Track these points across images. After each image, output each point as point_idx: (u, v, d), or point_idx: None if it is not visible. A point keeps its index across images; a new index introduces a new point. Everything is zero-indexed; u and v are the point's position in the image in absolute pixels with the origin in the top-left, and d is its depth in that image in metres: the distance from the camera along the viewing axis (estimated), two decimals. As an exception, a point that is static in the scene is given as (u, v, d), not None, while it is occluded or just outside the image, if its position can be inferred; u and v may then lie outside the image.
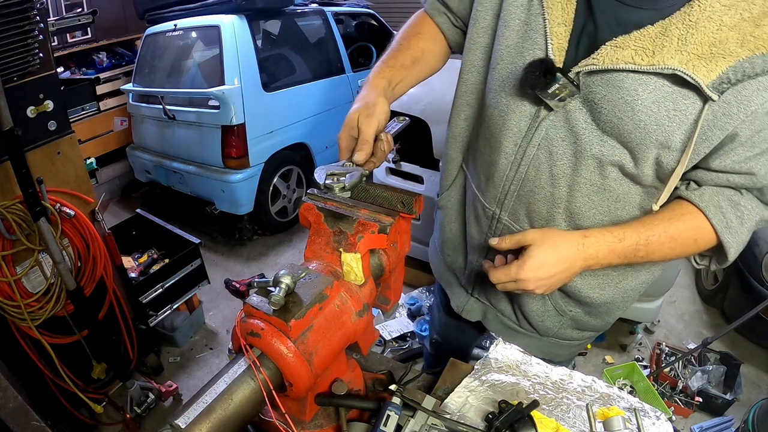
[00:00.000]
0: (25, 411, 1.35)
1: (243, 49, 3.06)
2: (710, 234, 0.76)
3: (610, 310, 0.99)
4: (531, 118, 0.80)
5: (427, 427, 0.76)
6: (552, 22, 0.73)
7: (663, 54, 0.65)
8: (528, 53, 0.76)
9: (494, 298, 1.07)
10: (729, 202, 0.75)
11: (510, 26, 0.78)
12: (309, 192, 0.82)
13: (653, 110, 0.68)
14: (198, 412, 0.57)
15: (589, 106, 0.73)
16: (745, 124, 0.67)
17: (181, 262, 2.43)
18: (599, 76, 0.70)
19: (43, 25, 1.59)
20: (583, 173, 0.78)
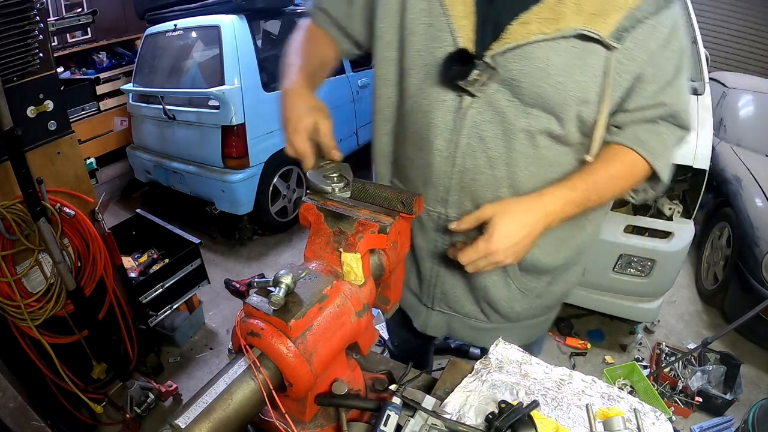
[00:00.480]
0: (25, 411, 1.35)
1: (243, 49, 3.06)
2: (642, 165, 0.84)
3: (568, 270, 1.03)
4: (455, 110, 0.83)
5: (427, 427, 0.76)
6: (455, 18, 0.78)
7: (565, 19, 0.72)
8: (438, 52, 0.81)
9: (457, 303, 1.05)
10: (649, 133, 0.83)
11: (416, 32, 0.83)
12: (309, 192, 0.82)
13: (567, 71, 0.75)
14: (198, 412, 0.57)
15: (508, 84, 0.78)
16: (648, 63, 0.75)
17: (181, 262, 2.43)
18: (512, 53, 0.75)
19: (43, 25, 1.59)
20: (516, 148, 0.83)
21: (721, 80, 3.86)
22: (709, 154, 2.19)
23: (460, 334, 1.12)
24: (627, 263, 2.27)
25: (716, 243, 3.00)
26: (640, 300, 2.37)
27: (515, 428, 0.73)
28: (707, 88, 2.52)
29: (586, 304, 2.49)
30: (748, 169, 2.95)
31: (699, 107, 2.36)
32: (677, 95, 0.80)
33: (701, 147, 2.16)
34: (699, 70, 2.62)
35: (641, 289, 2.31)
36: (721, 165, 3.13)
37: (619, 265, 2.27)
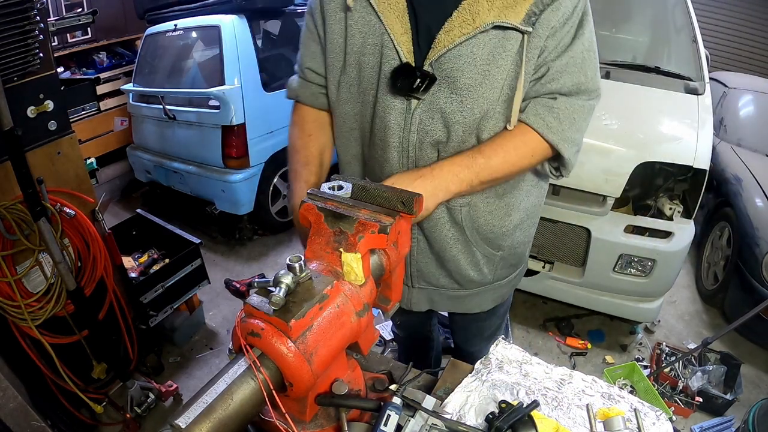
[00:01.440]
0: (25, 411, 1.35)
1: (243, 49, 3.06)
2: (538, 139, 0.93)
3: (521, 229, 1.13)
4: (405, 112, 0.95)
5: (428, 427, 0.76)
6: (395, 34, 0.90)
7: (480, 17, 0.84)
8: (386, 66, 0.93)
9: (432, 278, 1.16)
10: (544, 108, 0.92)
11: (366, 52, 0.95)
12: (309, 192, 0.82)
13: (491, 59, 0.87)
14: (198, 412, 0.57)
15: (445, 82, 0.90)
16: (550, 38, 0.87)
17: (182, 262, 2.43)
18: (444, 57, 0.88)
19: (44, 25, 1.59)
20: (455, 137, 0.95)
21: (721, 80, 3.86)
22: (710, 154, 2.19)
23: (441, 305, 1.23)
24: (627, 263, 2.27)
25: (716, 243, 3.00)
26: (640, 300, 2.37)
27: (515, 428, 0.73)
28: (707, 88, 2.52)
29: (587, 304, 2.49)
30: (748, 168, 2.95)
31: (699, 107, 2.36)
32: (567, 61, 0.90)
33: (701, 147, 2.16)
34: (699, 69, 2.62)
35: (641, 289, 2.31)
36: (722, 165, 3.13)
37: (619, 265, 2.27)
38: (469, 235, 1.06)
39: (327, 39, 1.00)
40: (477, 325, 1.40)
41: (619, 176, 2.16)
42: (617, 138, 2.23)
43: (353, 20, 0.94)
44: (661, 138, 2.27)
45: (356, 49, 0.95)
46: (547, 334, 2.67)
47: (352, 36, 0.95)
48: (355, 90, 1.01)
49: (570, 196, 2.29)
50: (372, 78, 0.96)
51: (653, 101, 2.43)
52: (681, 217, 2.28)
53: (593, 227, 2.25)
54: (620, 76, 2.53)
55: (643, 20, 3.01)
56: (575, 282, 2.40)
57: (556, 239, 2.41)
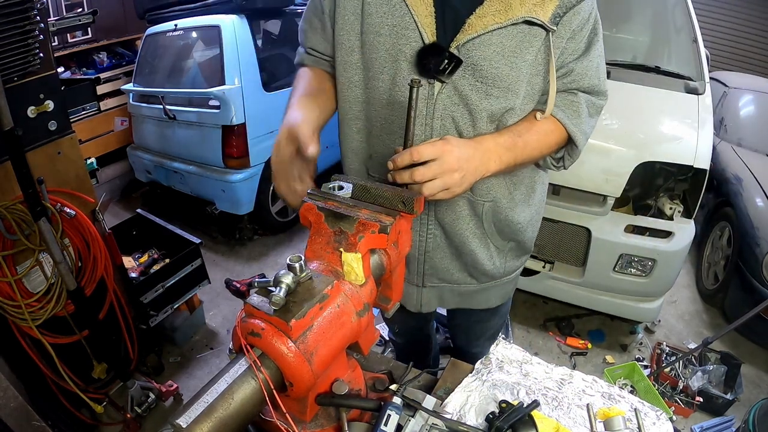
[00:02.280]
0: (25, 411, 1.35)
1: (243, 49, 3.06)
2: (561, 130, 0.97)
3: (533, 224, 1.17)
4: (428, 97, 0.93)
5: (428, 427, 0.76)
6: (419, 15, 0.89)
7: (513, 9, 0.85)
8: (406, 48, 0.91)
9: (447, 273, 1.15)
10: (566, 101, 0.97)
11: (382, 33, 0.92)
12: (309, 192, 0.82)
13: (517, 51, 0.89)
14: (199, 411, 0.57)
15: (470, 69, 0.89)
16: (570, 41, 0.91)
17: (182, 262, 2.43)
18: (473, 42, 0.87)
19: (44, 25, 1.59)
20: (481, 126, 0.95)
21: (721, 80, 3.86)
22: (710, 154, 2.19)
23: (450, 302, 1.23)
24: (627, 263, 2.27)
25: (717, 243, 3.00)
26: (640, 300, 2.37)
27: (516, 428, 0.73)
28: (708, 87, 2.52)
29: (587, 304, 2.49)
30: (748, 168, 2.95)
31: (699, 107, 2.36)
32: (587, 65, 0.95)
33: (702, 147, 2.16)
34: (699, 69, 2.62)
35: (642, 288, 2.31)
36: (722, 165, 3.13)
37: (619, 264, 2.27)
38: (486, 228, 1.08)
39: (337, 16, 0.96)
40: (480, 326, 1.40)
41: (620, 176, 2.16)
42: (617, 138, 2.23)
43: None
44: (662, 138, 2.27)
45: (372, 29, 0.92)
46: (548, 334, 2.67)
47: (369, 15, 0.92)
48: (365, 74, 0.98)
49: (570, 196, 2.29)
50: (385, 61, 0.94)
51: (653, 101, 2.43)
52: (681, 216, 2.28)
53: (593, 227, 2.25)
54: (620, 76, 2.53)
55: (643, 20, 3.01)
56: (575, 282, 2.40)
57: (557, 239, 2.41)
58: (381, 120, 1.00)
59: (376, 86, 0.97)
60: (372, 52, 0.94)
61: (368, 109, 1.02)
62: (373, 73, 0.96)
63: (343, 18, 0.95)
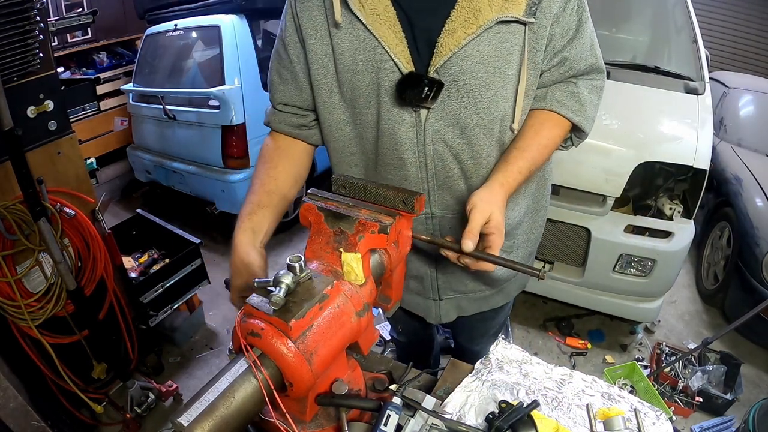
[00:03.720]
0: (25, 411, 1.35)
1: (243, 49, 3.06)
2: (564, 123, 0.95)
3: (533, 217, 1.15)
4: (416, 125, 0.91)
5: (428, 427, 0.76)
6: (390, 45, 0.85)
7: (482, 14, 0.81)
8: (385, 81, 0.88)
9: (461, 284, 1.15)
10: (566, 94, 0.94)
11: (359, 70, 0.89)
12: (309, 192, 0.82)
13: (497, 55, 0.85)
14: (200, 410, 0.57)
15: (454, 86, 0.87)
16: (555, 25, 0.87)
17: (182, 262, 2.43)
18: (449, 61, 0.84)
19: (44, 25, 1.59)
20: (475, 141, 0.92)
21: (721, 80, 3.86)
22: (710, 154, 2.19)
23: (469, 309, 1.21)
24: (627, 263, 2.27)
25: (716, 243, 3.00)
26: (640, 300, 2.37)
27: (515, 428, 0.73)
28: (707, 87, 2.52)
29: (587, 304, 2.49)
30: (748, 168, 2.95)
31: (699, 107, 2.36)
32: (580, 47, 0.91)
33: (702, 147, 2.16)
34: (699, 69, 2.62)
35: (641, 289, 2.31)
36: (722, 165, 3.13)
37: (619, 265, 2.27)
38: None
39: (310, 61, 0.93)
40: (484, 324, 1.40)
41: (619, 176, 2.16)
42: (617, 138, 2.23)
43: (340, 38, 0.88)
44: (661, 138, 2.27)
45: (347, 68, 0.90)
46: (547, 334, 2.67)
47: (341, 54, 0.89)
48: (352, 111, 0.96)
49: (570, 196, 2.29)
50: (369, 96, 0.91)
51: (653, 101, 2.43)
52: (681, 217, 2.28)
53: (593, 227, 2.25)
54: (620, 76, 2.53)
55: (643, 20, 3.01)
56: (575, 282, 2.40)
57: (556, 239, 2.41)
58: (374, 152, 0.99)
59: (365, 121, 0.95)
60: (353, 90, 0.92)
61: (361, 144, 1.00)
62: (358, 110, 0.94)
63: (316, 62, 0.93)
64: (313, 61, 0.93)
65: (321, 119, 1.00)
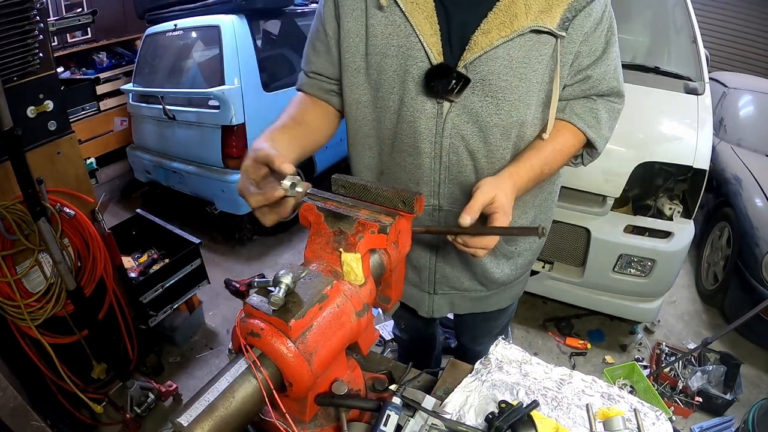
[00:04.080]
0: (25, 411, 1.35)
1: (243, 49, 3.06)
2: (579, 137, 0.98)
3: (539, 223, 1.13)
4: (437, 116, 0.93)
5: (427, 427, 0.76)
6: (424, 35, 0.87)
7: (518, 20, 0.83)
8: (413, 69, 0.90)
9: (457, 282, 1.16)
10: (585, 108, 0.96)
11: (389, 54, 0.91)
12: (309, 192, 0.82)
13: (526, 62, 0.87)
14: (200, 410, 0.57)
15: (479, 85, 0.88)
16: (582, 43, 0.88)
17: (181, 262, 2.43)
18: (479, 59, 0.86)
19: (43, 25, 1.59)
20: (492, 142, 0.94)
21: (721, 80, 3.86)
22: (709, 154, 2.19)
23: (462, 307, 1.23)
24: (627, 263, 2.27)
25: (716, 243, 3.00)
26: (640, 300, 2.37)
27: (515, 428, 0.73)
28: (707, 88, 2.52)
29: (586, 304, 2.49)
30: (748, 169, 2.95)
31: (699, 107, 2.36)
32: (604, 69, 0.93)
33: (701, 147, 2.16)
34: (699, 70, 2.62)
35: (641, 289, 2.31)
36: (722, 165, 3.13)
37: (619, 265, 2.27)
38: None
39: (342, 38, 0.96)
40: (487, 324, 1.41)
41: (619, 176, 2.16)
42: (617, 138, 2.19)
43: (376, 20, 0.91)
44: (661, 138, 2.27)
45: (378, 50, 0.92)
46: (547, 334, 2.67)
47: (373, 36, 0.92)
48: (374, 94, 0.98)
49: (570, 196, 2.29)
50: (394, 81, 0.93)
51: (653, 101, 2.43)
52: (681, 217, 2.28)
53: (593, 227, 2.25)
54: (620, 76, 2.53)
55: (643, 20, 3.01)
56: (575, 282, 2.40)
57: (556, 239, 2.41)
58: (391, 138, 1.00)
59: (386, 106, 0.97)
60: (380, 73, 0.94)
61: (378, 128, 1.01)
62: (382, 93, 0.96)
63: (347, 40, 0.95)
64: (345, 39, 0.95)
65: (344, 97, 1.02)
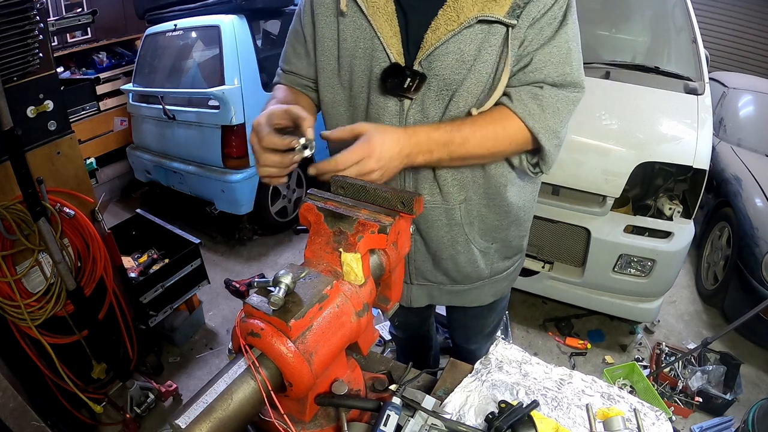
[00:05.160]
0: (25, 411, 1.35)
1: (243, 49, 3.06)
2: (519, 125, 0.92)
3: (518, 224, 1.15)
4: (399, 113, 0.96)
5: (427, 427, 0.76)
6: (385, 37, 0.92)
7: (464, 12, 0.85)
8: (377, 68, 0.94)
9: (430, 274, 1.18)
10: (529, 95, 0.91)
11: (357, 56, 0.96)
12: (309, 192, 0.82)
13: (477, 54, 0.88)
14: (198, 411, 0.57)
15: (435, 81, 0.91)
16: (530, 29, 0.88)
17: (181, 262, 2.43)
18: (432, 56, 0.89)
19: (43, 25, 1.59)
20: None
21: (721, 80, 3.86)
22: (709, 154, 2.19)
23: (441, 300, 1.25)
24: (627, 263, 2.27)
25: (716, 243, 3.00)
26: (640, 300, 2.37)
27: (515, 428, 0.73)
28: (707, 88, 2.52)
29: (586, 304, 2.49)
30: (748, 169, 2.95)
31: (699, 107, 2.37)
32: (550, 53, 0.90)
33: (701, 147, 2.16)
34: (699, 70, 2.62)
35: (641, 289, 2.31)
36: (721, 165, 3.13)
37: (619, 265, 2.27)
38: (467, 231, 1.08)
39: (317, 42, 1.01)
40: (477, 322, 1.41)
41: (619, 176, 2.16)
42: (617, 138, 2.23)
43: (345, 25, 0.96)
44: (661, 138, 2.27)
45: (348, 52, 0.97)
46: (547, 334, 2.67)
47: (344, 40, 0.97)
48: (348, 93, 1.02)
49: (570, 196, 2.29)
50: (363, 81, 0.98)
51: (653, 101, 2.43)
52: (681, 217, 2.28)
53: (593, 227, 2.25)
54: (620, 76, 2.53)
55: (643, 20, 3.01)
56: (575, 282, 2.40)
57: (556, 239, 2.41)
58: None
59: (357, 104, 1.02)
60: (350, 74, 0.99)
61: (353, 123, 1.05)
62: (353, 93, 1.01)
63: (322, 44, 1.01)
64: (320, 43, 1.01)
65: (321, 97, 1.07)
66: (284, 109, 0.85)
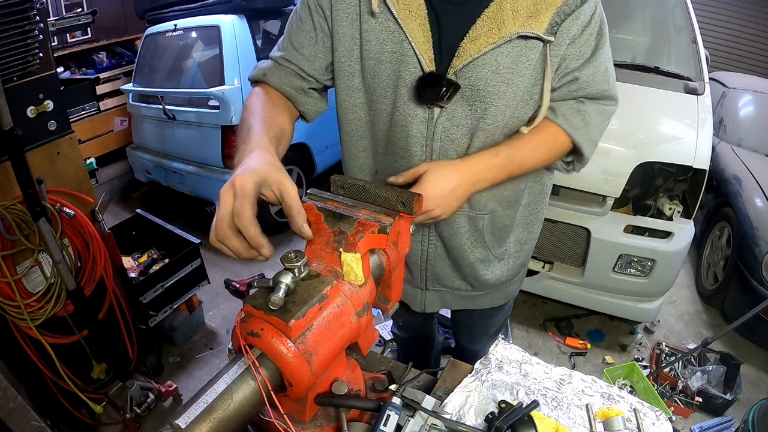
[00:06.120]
0: (25, 411, 1.34)
1: (243, 49, 3.06)
2: (564, 137, 0.97)
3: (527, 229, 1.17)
4: (427, 120, 0.94)
5: (427, 427, 0.76)
6: (417, 42, 0.88)
7: (506, 26, 0.84)
8: (406, 74, 0.91)
9: (448, 281, 1.18)
10: (572, 110, 0.95)
11: (383, 59, 0.92)
12: (309, 192, 0.82)
13: (513, 68, 0.88)
14: (198, 411, 0.57)
15: (468, 91, 0.90)
16: (570, 47, 0.89)
17: (181, 262, 2.43)
18: (468, 66, 0.88)
19: (43, 25, 1.59)
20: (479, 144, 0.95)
21: (721, 80, 3.86)
22: (709, 154, 2.19)
23: (454, 304, 1.26)
24: (627, 263, 2.27)
25: (716, 243, 3.00)
26: (640, 300, 2.37)
27: (515, 428, 0.73)
28: (707, 88, 2.52)
29: (586, 304, 2.49)
30: (748, 169, 2.95)
31: (699, 107, 2.37)
32: (593, 71, 0.92)
33: (701, 147, 2.16)
34: (699, 70, 2.62)
35: (641, 289, 2.31)
36: (721, 165, 3.13)
37: (619, 265, 2.27)
38: (487, 240, 1.10)
39: (337, 43, 0.96)
40: (483, 323, 1.42)
41: (619, 176, 2.16)
42: (617, 138, 2.23)
43: (370, 26, 0.91)
44: (661, 138, 2.27)
45: (372, 55, 0.93)
46: (547, 334, 2.67)
47: (367, 41, 0.92)
48: (368, 97, 0.99)
49: (570, 196, 2.29)
50: (388, 85, 0.95)
51: (653, 101, 2.43)
52: (681, 217, 2.28)
53: (593, 227, 2.25)
54: (620, 76, 2.48)
55: (643, 20, 3.01)
56: (575, 282, 2.40)
57: (556, 239, 2.41)
58: (384, 140, 1.03)
59: (379, 109, 0.98)
60: (373, 78, 0.95)
61: (373, 130, 1.03)
62: (375, 97, 0.98)
63: (342, 44, 0.95)
64: (339, 43, 0.95)
65: (338, 101, 1.03)
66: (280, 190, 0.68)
